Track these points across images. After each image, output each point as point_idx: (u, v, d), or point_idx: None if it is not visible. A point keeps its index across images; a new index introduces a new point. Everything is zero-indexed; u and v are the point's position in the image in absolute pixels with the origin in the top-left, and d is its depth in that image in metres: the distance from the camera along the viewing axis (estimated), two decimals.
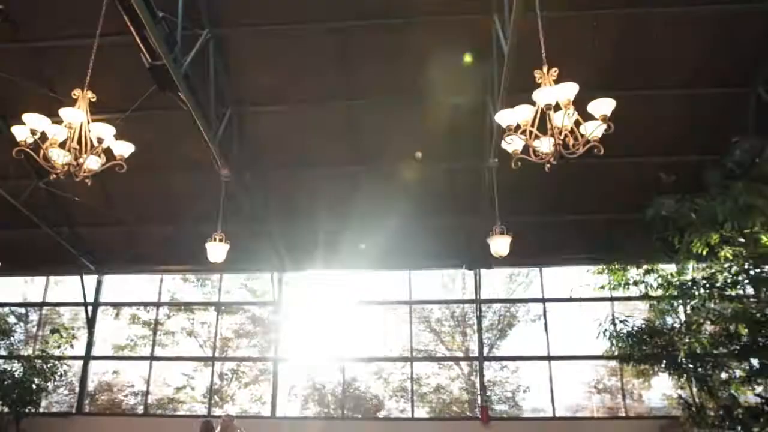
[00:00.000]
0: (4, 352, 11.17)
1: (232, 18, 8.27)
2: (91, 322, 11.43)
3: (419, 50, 8.41)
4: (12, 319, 11.54)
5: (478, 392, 10.66)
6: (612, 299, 10.56)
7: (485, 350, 11.08)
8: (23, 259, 11.44)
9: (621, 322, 9.35)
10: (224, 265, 11.13)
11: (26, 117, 5.18)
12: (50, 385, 10.76)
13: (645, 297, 9.44)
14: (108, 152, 5.55)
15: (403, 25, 8.20)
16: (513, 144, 4.61)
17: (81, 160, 5.36)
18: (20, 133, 5.13)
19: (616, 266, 9.56)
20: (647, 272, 9.38)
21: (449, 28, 8.20)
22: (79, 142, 5.35)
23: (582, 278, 10.35)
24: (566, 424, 10.33)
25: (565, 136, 4.44)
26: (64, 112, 5.12)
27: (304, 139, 9.65)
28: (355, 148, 9.70)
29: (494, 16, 7.33)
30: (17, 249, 11.19)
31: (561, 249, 10.87)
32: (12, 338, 11.28)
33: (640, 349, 9.06)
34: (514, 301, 11.40)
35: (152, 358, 11.31)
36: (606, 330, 9.37)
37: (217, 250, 8.39)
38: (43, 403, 10.99)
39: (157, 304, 11.69)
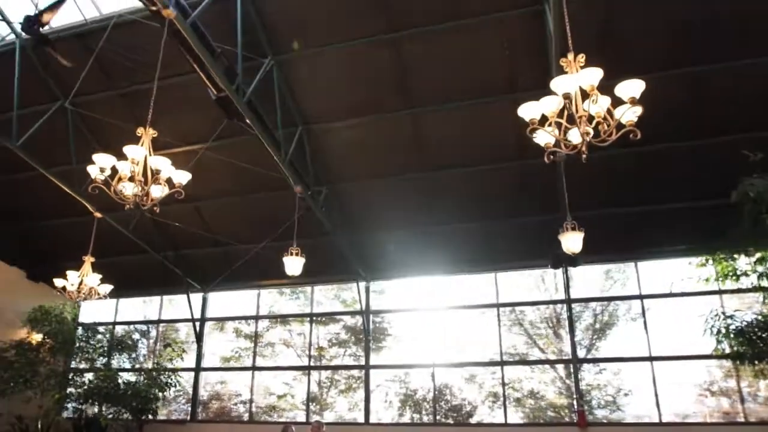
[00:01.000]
0: (128, 365, 12.46)
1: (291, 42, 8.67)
2: (199, 336, 12.39)
3: (477, 52, 8.30)
4: (136, 336, 12.81)
5: (574, 396, 10.17)
6: (720, 292, 9.63)
7: (583, 352, 10.55)
8: (139, 282, 12.72)
9: (729, 317, 8.50)
10: (314, 278, 11.82)
11: (96, 157, 5.84)
12: (167, 394, 11.83)
13: (758, 289, 8.52)
14: (170, 182, 6.07)
15: (457, 28, 8.13)
16: (543, 137, 4.45)
17: (147, 190, 5.93)
18: (92, 170, 5.80)
19: (720, 256, 8.73)
20: (759, 261, 8.46)
21: (503, 26, 8.01)
22: (144, 174, 5.93)
23: (683, 271, 9.58)
24: (675, 430, 9.54)
25: (598, 123, 4.22)
26: (127, 149, 5.69)
27: (374, 149, 9.84)
28: (426, 155, 9.71)
29: (544, 5, 7.09)
30: (133, 273, 12.45)
31: (655, 241, 10.12)
32: (136, 353, 12.53)
33: (754, 347, 8.18)
34: (606, 300, 10.75)
35: (254, 368, 12.03)
36: (713, 326, 8.56)
37: (293, 264, 8.82)
38: (164, 411, 12.13)
39: (256, 318, 12.42)
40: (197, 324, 12.46)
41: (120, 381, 11.66)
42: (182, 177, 6.08)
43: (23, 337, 11.52)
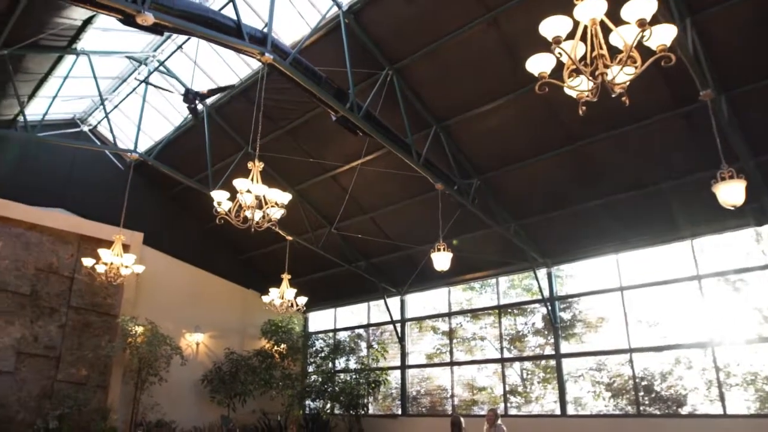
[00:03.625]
0: (349, 366, 14.01)
1: (405, 48, 8.98)
2: (401, 337, 13.30)
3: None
4: (349, 340, 14.32)
5: None
6: None
7: None
8: (343, 292, 14.28)
9: None
10: (497, 270, 11.82)
11: (235, 182, 6.87)
12: (376, 391, 13.00)
13: None
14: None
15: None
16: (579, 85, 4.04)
17: (263, 212, 6.89)
18: (218, 196, 6.92)
19: None
20: None
21: None
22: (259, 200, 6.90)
23: None
24: None
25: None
26: (237, 182, 6.73)
27: (514, 131, 9.52)
28: (569, 126, 9.05)
29: None
30: (335, 284, 14.06)
31: None
32: (354, 355, 14.00)
33: None
34: None
35: (452, 363, 12.43)
36: None
37: (441, 260, 9.05)
38: (378, 406, 13.33)
39: (449, 314, 12.83)
40: (398, 325, 13.40)
41: (339, 380, 13.23)
42: (284, 198, 6.87)
43: (262, 345, 13.85)
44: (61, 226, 11.69)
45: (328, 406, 12.89)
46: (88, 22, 8.74)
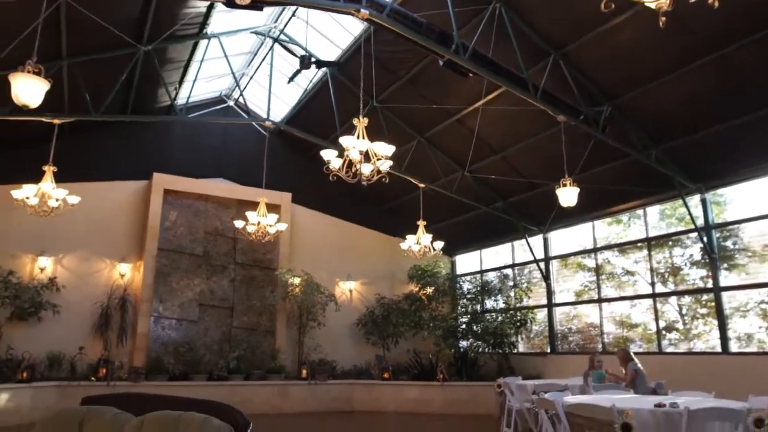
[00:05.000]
0: (489, 306, 14.14)
1: None
2: (546, 275, 13.02)
3: None
4: (496, 281, 14.36)
5: None
6: None
7: None
8: (486, 234, 14.28)
9: None
10: (643, 200, 11.01)
11: (341, 139, 7.24)
12: (522, 330, 13.02)
13: None
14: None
15: None
16: None
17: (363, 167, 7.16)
18: (327, 155, 7.30)
19: None
20: None
21: None
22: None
23: None
24: None
25: None
26: (343, 140, 7.05)
27: (639, 48, 8.58)
28: (696, 35, 7.92)
29: None
30: (477, 227, 14.09)
31: None
32: (500, 295, 14.06)
33: None
34: None
35: (600, 300, 11.93)
36: None
37: (567, 195, 8.70)
38: (526, 345, 13.35)
39: (594, 250, 12.24)
40: (542, 264, 13.12)
41: (486, 320, 13.46)
42: (388, 150, 7.04)
43: (411, 290, 14.48)
44: (222, 194, 13.19)
45: (476, 345, 13.23)
46: (211, 7, 9.54)
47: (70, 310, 11.11)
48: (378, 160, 7.19)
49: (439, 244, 11.69)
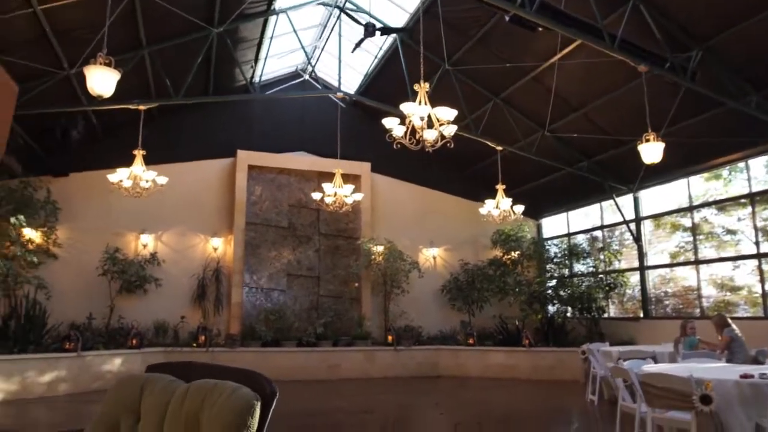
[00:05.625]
0: (577, 270, 13.61)
1: None
2: (637, 237, 12.29)
3: None
4: (585, 244, 13.77)
5: None
6: None
7: None
8: (571, 196, 13.69)
9: None
10: (745, 151, 10.05)
11: (402, 106, 7.17)
12: (615, 294, 12.45)
13: None
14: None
15: None
16: None
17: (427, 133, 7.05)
18: (389, 123, 7.23)
19: None
20: None
21: None
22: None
23: None
24: None
25: None
26: (404, 106, 6.96)
27: None
28: None
29: None
30: (562, 189, 13.51)
31: None
32: (588, 258, 13.50)
33: None
34: None
35: (697, 262, 11.11)
36: None
37: (650, 151, 8.12)
38: (618, 309, 12.77)
39: (690, 208, 11.36)
40: (632, 224, 12.40)
41: (574, 284, 13.01)
42: (450, 115, 6.87)
43: (495, 255, 14.25)
44: (303, 167, 13.56)
45: (563, 310, 12.86)
46: None
47: (170, 283, 12.01)
48: (441, 125, 7.05)
49: (520, 208, 11.38)
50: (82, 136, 11.04)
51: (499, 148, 11.97)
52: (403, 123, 7.15)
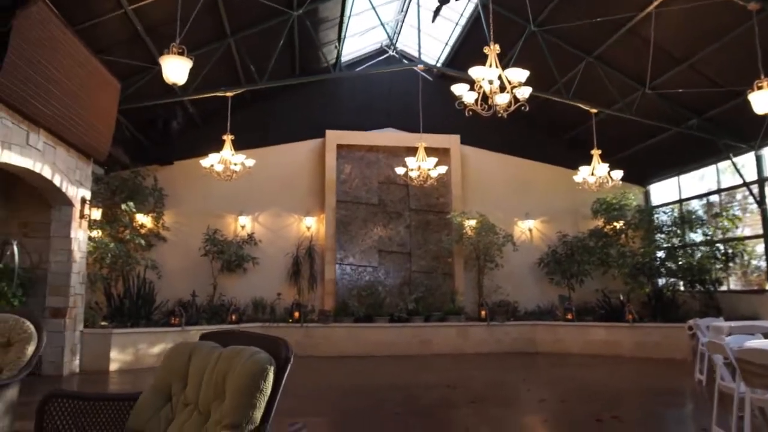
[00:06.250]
0: (691, 239, 12.43)
1: None
2: (760, 199, 10.97)
3: None
4: (699, 210, 12.53)
5: None
6: None
7: None
8: (681, 159, 12.54)
9: None
10: None
11: (471, 71, 6.87)
12: (734, 264, 11.25)
13: None
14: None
15: None
16: None
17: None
18: (458, 89, 6.94)
19: None
20: None
21: None
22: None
23: None
24: None
25: None
26: (472, 71, 6.64)
27: None
28: None
29: None
30: (670, 151, 12.39)
31: None
32: (704, 226, 12.28)
33: None
34: None
35: None
36: None
37: (762, 99, 7.14)
38: (738, 281, 11.54)
39: None
40: (753, 187, 11.09)
41: (686, 254, 11.94)
42: (521, 76, 6.45)
43: (596, 225, 13.40)
44: (391, 143, 13.53)
45: (673, 282, 11.85)
46: None
47: (267, 261, 12.56)
48: (513, 87, 6.65)
49: (618, 174, 10.59)
50: (181, 126, 11.77)
51: (594, 110, 11.16)
52: (474, 89, 6.84)
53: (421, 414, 6.34)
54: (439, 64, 13.47)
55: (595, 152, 10.68)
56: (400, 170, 10.82)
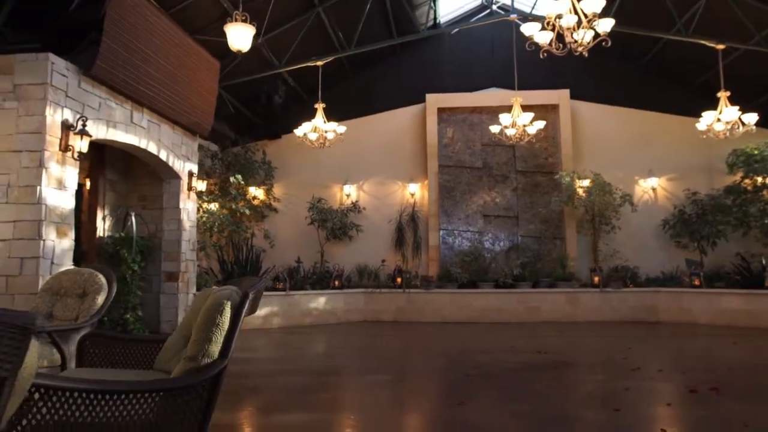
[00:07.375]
0: None
1: None
2: None
3: None
4: None
5: None
6: None
7: None
8: None
9: None
10: None
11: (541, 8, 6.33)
12: None
13: None
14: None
15: None
16: None
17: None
18: (528, 29, 6.37)
19: None
20: None
21: None
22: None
23: None
24: None
25: None
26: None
27: None
28: None
29: None
30: None
31: None
32: None
33: None
34: None
35: None
36: None
37: None
38: None
39: None
40: None
41: None
42: (596, 6, 5.75)
43: (734, 180, 11.77)
44: (494, 103, 12.87)
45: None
46: None
47: (372, 229, 12.71)
48: (590, 20, 5.95)
49: (752, 117, 9.21)
50: (284, 100, 12.20)
51: (720, 46, 9.73)
52: (547, 29, 6.24)
53: (492, 376, 6.05)
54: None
55: (722, 94, 9.40)
56: (494, 128, 10.31)
